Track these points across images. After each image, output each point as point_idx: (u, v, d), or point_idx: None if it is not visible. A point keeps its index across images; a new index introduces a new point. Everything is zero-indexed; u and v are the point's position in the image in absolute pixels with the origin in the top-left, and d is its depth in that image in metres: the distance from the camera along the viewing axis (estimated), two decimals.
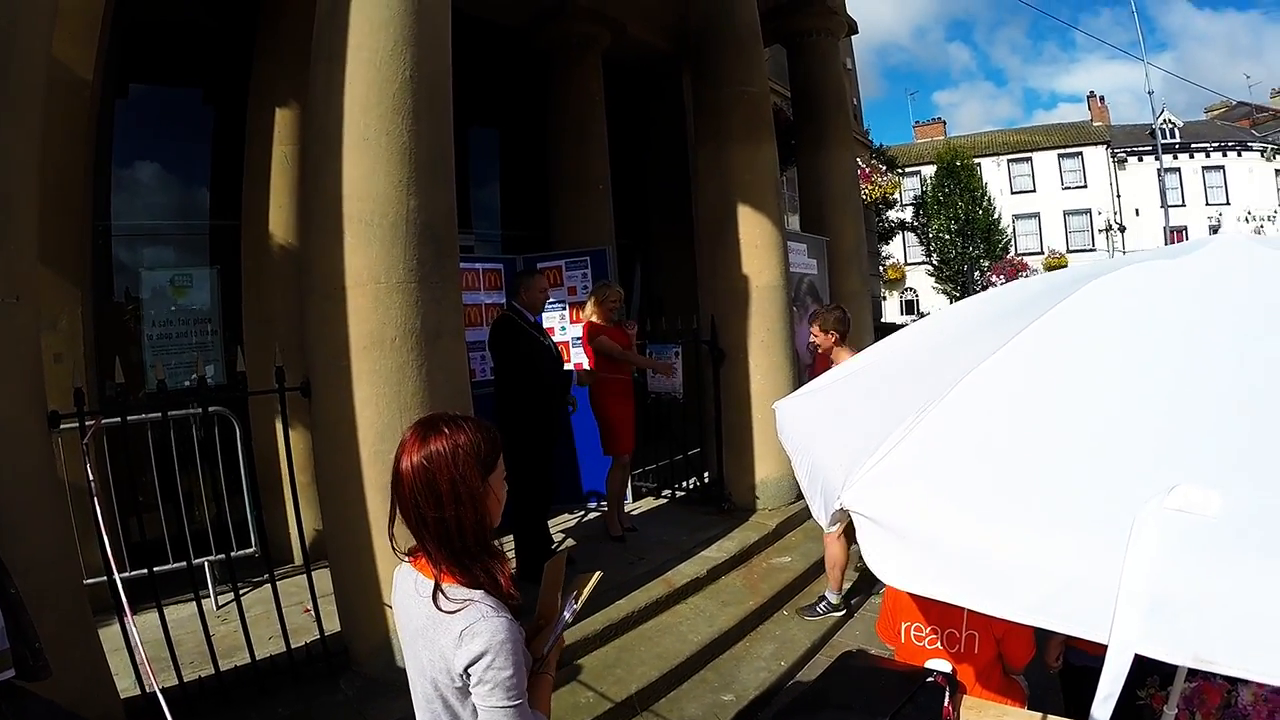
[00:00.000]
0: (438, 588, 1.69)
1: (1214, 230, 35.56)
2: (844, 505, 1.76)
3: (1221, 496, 1.29)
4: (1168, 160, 34.72)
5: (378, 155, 3.94)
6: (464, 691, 1.67)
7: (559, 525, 6.53)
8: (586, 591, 1.94)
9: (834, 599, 5.50)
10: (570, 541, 6.24)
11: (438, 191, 4.14)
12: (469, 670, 1.63)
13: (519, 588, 1.82)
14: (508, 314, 5.54)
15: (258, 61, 6.31)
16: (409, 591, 1.79)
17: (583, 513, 6.98)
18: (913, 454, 1.75)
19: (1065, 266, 37.51)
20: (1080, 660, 3.01)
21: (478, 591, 1.69)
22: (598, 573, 1.99)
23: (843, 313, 5.56)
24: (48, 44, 3.40)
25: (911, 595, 2.81)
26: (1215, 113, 42.25)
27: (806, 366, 8.15)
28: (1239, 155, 38.55)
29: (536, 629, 1.93)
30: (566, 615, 1.90)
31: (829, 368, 8.49)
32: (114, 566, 3.51)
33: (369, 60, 3.97)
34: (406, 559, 1.85)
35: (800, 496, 6.62)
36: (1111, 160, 39.78)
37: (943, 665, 2.79)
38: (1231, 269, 1.91)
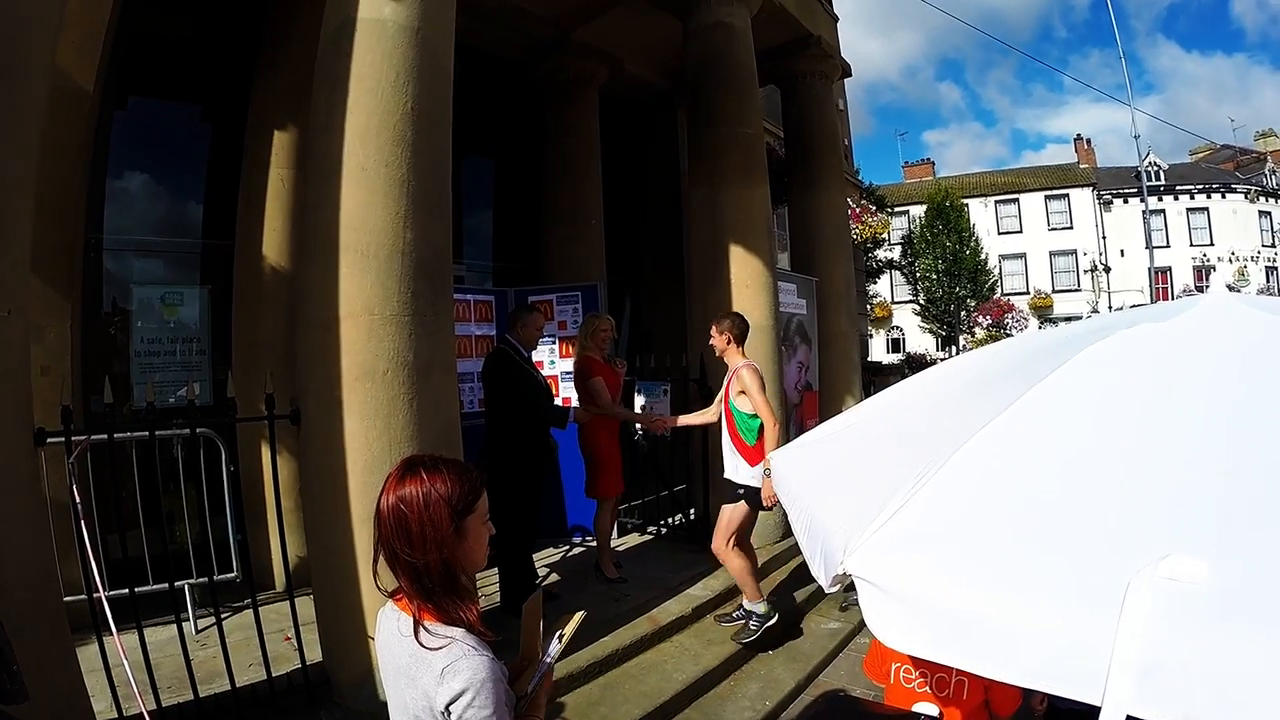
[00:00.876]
0: (419, 625, 1.72)
1: (1200, 271, 36.24)
2: (846, 570, 1.80)
3: (1209, 565, 1.34)
4: (1153, 202, 35.10)
5: (376, 186, 3.95)
6: None
7: (543, 560, 6.49)
8: (570, 630, 1.96)
9: (761, 609, 5.38)
10: (555, 576, 6.20)
11: (434, 225, 4.16)
12: (450, 708, 1.64)
13: (503, 622, 1.83)
14: (502, 348, 5.49)
15: (258, 83, 6.33)
16: (392, 631, 1.81)
17: (567, 547, 6.93)
18: (914, 520, 1.79)
19: (1050, 306, 37.95)
20: (1064, 703, 3.00)
21: (459, 630, 1.72)
22: (581, 612, 2.01)
23: (740, 318, 5.59)
24: (53, 52, 3.39)
25: None
26: (1200, 155, 43.01)
27: (794, 406, 8.20)
28: (1223, 197, 39.18)
29: (520, 668, 1.93)
30: (549, 657, 1.91)
31: (815, 408, 8.59)
32: (99, 589, 3.49)
33: (371, 90, 4.00)
34: (390, 599, 1.87)
35: (785, 535, 6.66)
36: (1097, 202, 40.35)
37: (930, 709, 2.80)
38: (1216, 332, 1.97)
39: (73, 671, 3.28)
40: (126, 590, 3.98)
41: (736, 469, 5.35)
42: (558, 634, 1.94)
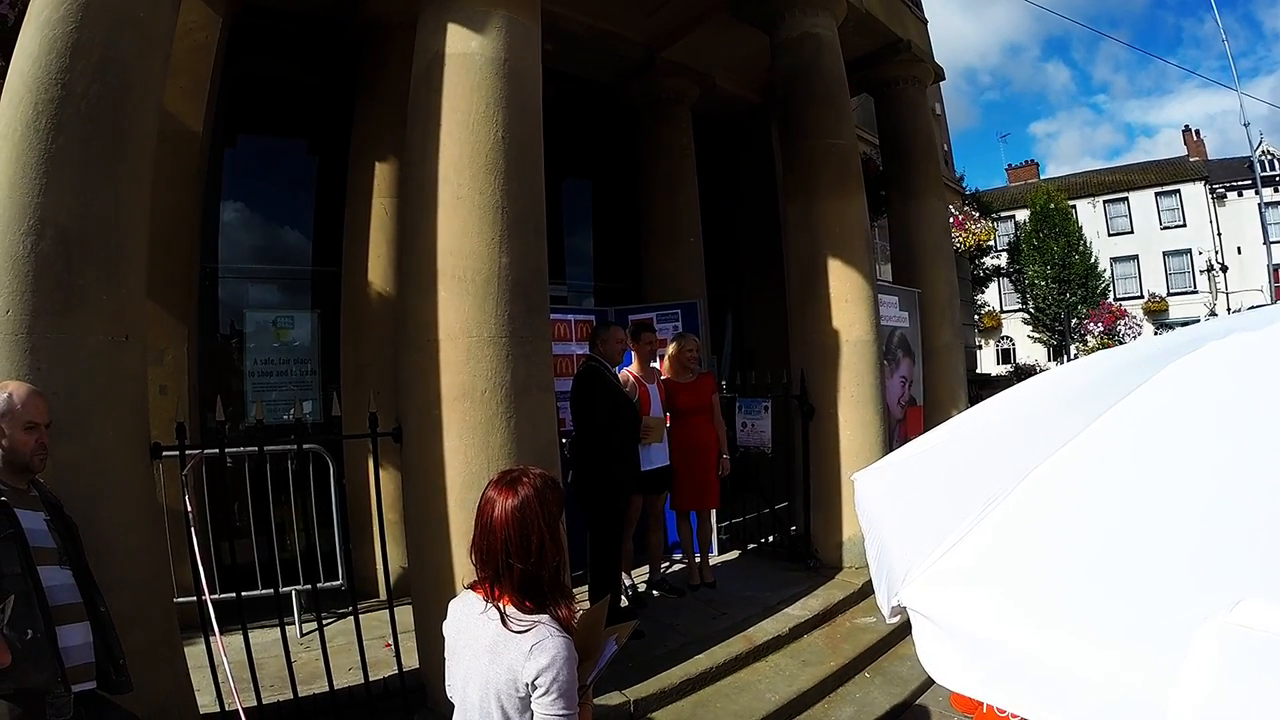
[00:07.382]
0: (504, 613, 1.96)
1: None
2: (901, 602, 1.74)
3: None
4: (1268, 194, 32.42)
5: (470, 213, 4.09)
6: (525, 704, 1.91)
7: (641, 575, 6.44)
8: (625, 637, 2.25)
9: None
10: (654, 594, 6.18)
11: (529, 249, 4.26)
12: (536, 681, 1.88)
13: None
14: (592, 364, 5.54)
15: (358, 117, 6.64)
16: (474, 613, 2.02)
17: (667, 565, 6.81)
18: (974, 552, 1.70)
19: (1166, 310, 35.83)
20: None
21: (544, 615, 1.96)
22: (635, 621, 2.43)
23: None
24: (157, 101, 3.67)
25: None
26: None
27: (898, 422, 8.02)
28: None
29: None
30: (606, 657, 2.16)
31: (920, 424, 8.37)
32: (205, 592, 3.70)
33: (462, 122, 4.15)
34: (467, 589, 2.09)
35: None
36: (1210, 197, 37.63)
37: None
38: None
39: (179, 667, 3.52)
40: (234, 594, 4.22)
41: None
42: (614, 637, 2.20)
